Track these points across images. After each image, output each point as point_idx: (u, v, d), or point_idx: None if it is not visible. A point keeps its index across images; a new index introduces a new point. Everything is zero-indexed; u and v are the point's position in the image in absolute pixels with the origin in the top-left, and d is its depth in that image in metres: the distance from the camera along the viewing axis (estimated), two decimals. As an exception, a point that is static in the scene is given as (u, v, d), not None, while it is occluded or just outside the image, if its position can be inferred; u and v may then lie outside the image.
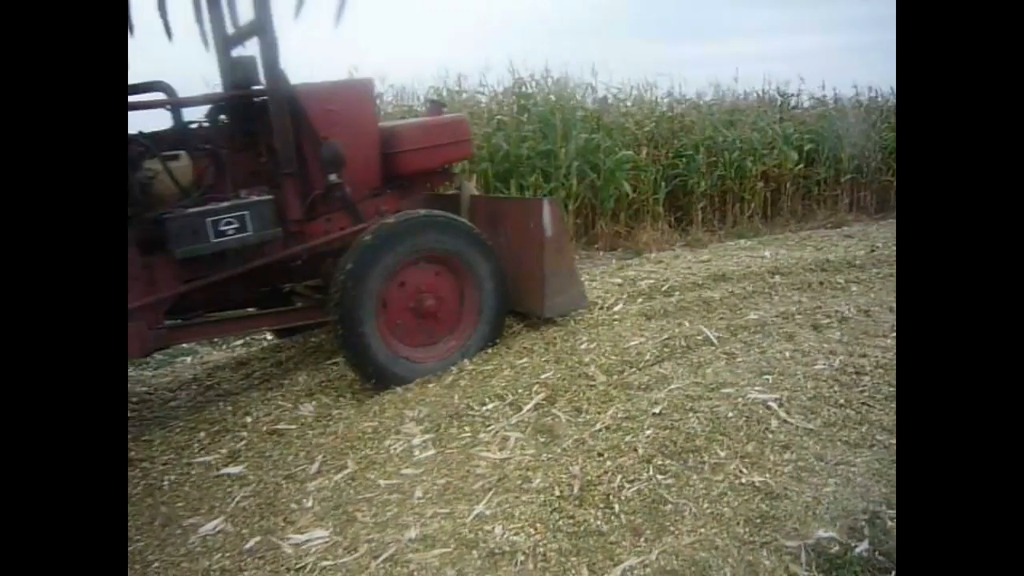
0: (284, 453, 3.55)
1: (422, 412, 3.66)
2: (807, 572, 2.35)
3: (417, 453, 3.33)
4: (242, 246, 3.85)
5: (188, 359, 5.56)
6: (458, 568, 2.48)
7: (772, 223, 10.07)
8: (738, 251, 6.46)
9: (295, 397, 4.13)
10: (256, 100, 4.20)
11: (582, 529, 2.59)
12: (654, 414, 3.22)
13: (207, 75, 6.78)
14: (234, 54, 4.38)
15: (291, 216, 4.12)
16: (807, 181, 10.69)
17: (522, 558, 2.46)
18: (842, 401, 3.35)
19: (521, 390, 3.67)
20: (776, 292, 4.83)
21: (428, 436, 3.45)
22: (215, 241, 3.75)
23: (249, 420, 3.93)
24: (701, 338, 4.01)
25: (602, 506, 2.69)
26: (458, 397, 3.73)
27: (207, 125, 4.31)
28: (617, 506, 2.67)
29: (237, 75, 4.23)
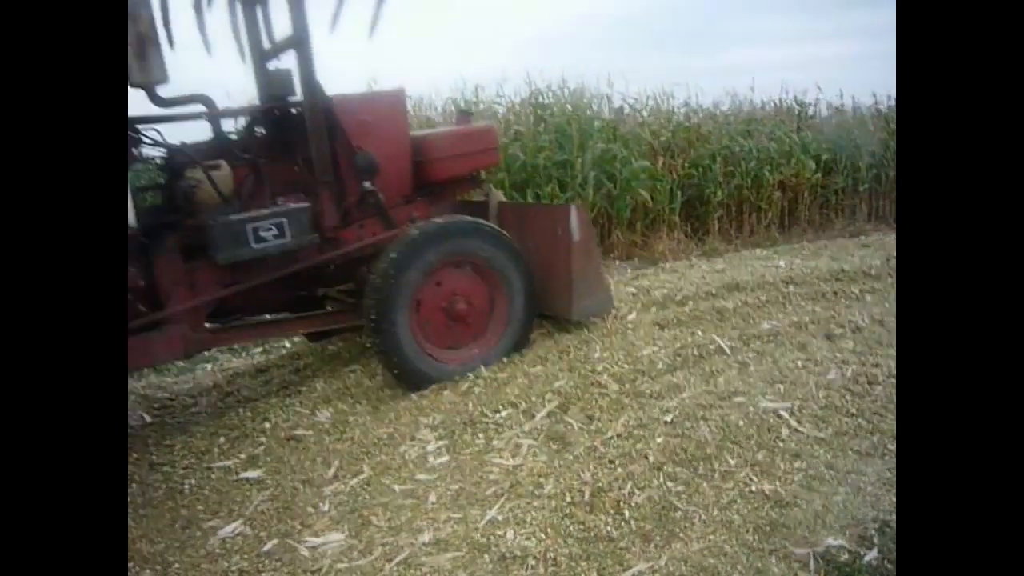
0: (302, 458, 3.62)
1: (437, 419, 3.71)
2: (815, 579, 2.37)
3: (431, 459, 3.39)
4: (281, 252, 3.98)
5: (208, 366, 5.65)
6: (470, 572, 2.53)
7: (789, 232, 10.03)
8: (753, 261, 6.46)
9: (313, 404, 4.20)
10: (292, 111, 4.34)
11: (592, 535, 2.63)
12: (665, 422, 3.25)
13: (235, 87, 6.90)
14: (270, 67, 4.52)
15: (327, 223, 4.24)
16: (825, 190, 10.64)
17: (533, 563, 2.51)
18: (854, 411, 3.36)
19: (534, 398, 3.71)
20: (790, 302, 4.83)
21: (442, 442, 3.50)
22: (255, 247, 3.87)
23: (268, 426, 4.01)
24: (714, 347, 4.03)
25: (612, 512, 2.72)
26: (472, 404, 3.78)
27: (245, 136, 4.45)
28: (627, 512, 2.71)
29: (274, 87, 4.39)
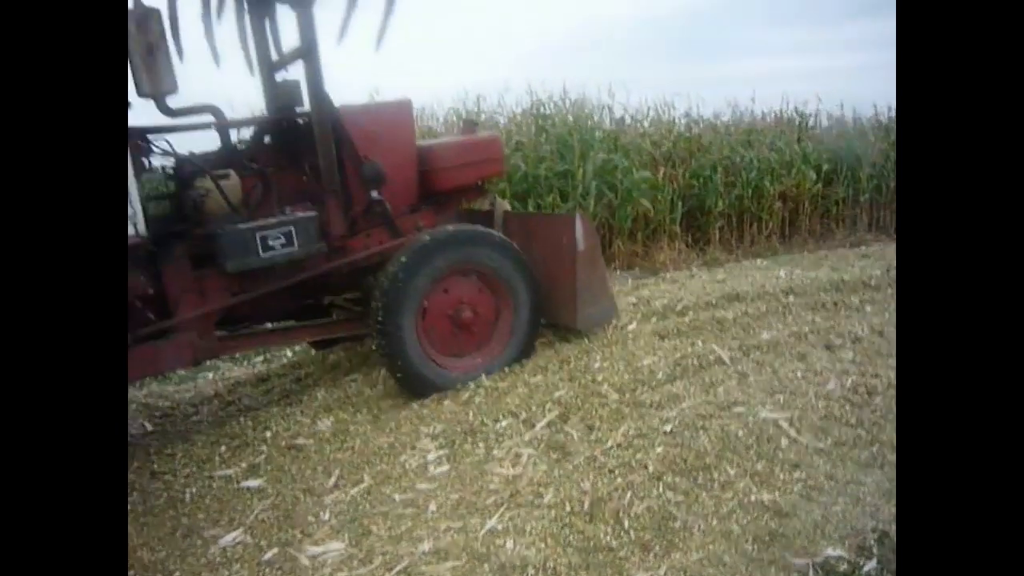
0: (302, 467, 3.63)
1: (437, 428, 3.73)
2: (814, 589, 2.37)
3: (432, 468, 3.40)
4: (288, 260, 4.01)
5: (210, 375, 5.67)
6: (470, 581, 2.53)
7: (790, 243, 10.06)
8: (753, 271, 6.47)
9: (314, 413, 4.21)
10: (300, 122, 4.39)
11: (592, 544, 2.64)
12: (665, 432, 3.26)
13: (238, 99, 6.97)
14: (278, 78, 4.57)
15: (334, 231, 4.28)
16: (825, 201, 10.67)
17: (533, 572, 2.51)
18: (853, 421, 3.37)
19: (535, 407, 3.72)
20: (790, 312, 4.84)
21: (443, 452, 3.51)
22: (263, 255, 3.91)
23: (269, 435, 4.02)
24: (713, 357, 4.04)
25: (612, 522, 2.73)
26: (473, 414, 3.79)
27: (253, 146, 4.49)
28: (627, 522, 2.72)
29: (281, 98, 4.43)
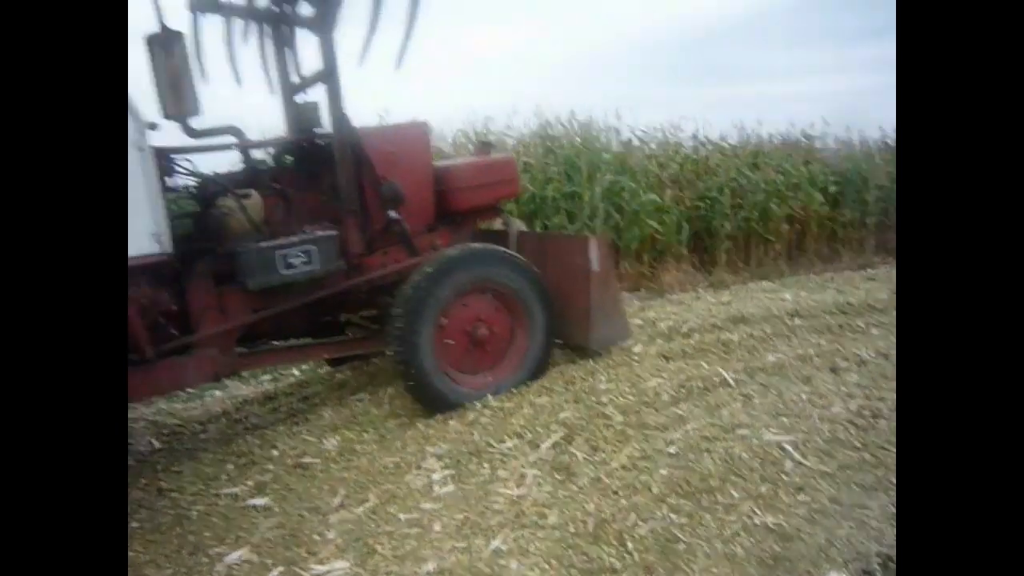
0: (308, 486, 3.65)
1: (442, 448, 3.74)
2: (817, 613, 2.37)
3: (437, 488, 3.41)
4: (308, 278, 4.08)
5: (218, 393, 5.71)
6: (473, 601, 2.54)
7: (797, 265, 10.06)
8: (759, 293, 6.49)
9: (320, 432, 4.24)
10: (319, 142, 4.47)
11: (596, 566, 2.64)
12: (670, 454, 3.26)
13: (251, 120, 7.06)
14: (298, 100, 4.68)
15: (352, 250, 4.35)
16: (832, 223, 10.69)
17: (536, 593, 2.52)
18: (858, 444, 3.36)
19: (540, 428, 3.74)
20: (795, 335, 4.85)
21: (448, 472, 3.53)
22: (284, 273, 3.98)
23: (275, 453, 4.05)
24: (718, 380, 4.05)
25: (616, 544, 2.73)
26: (478, 434, 3.81)
27: (274, 166, 4.61)
28: (631, 544, 2.72)
29: (301, 119, 4.53)
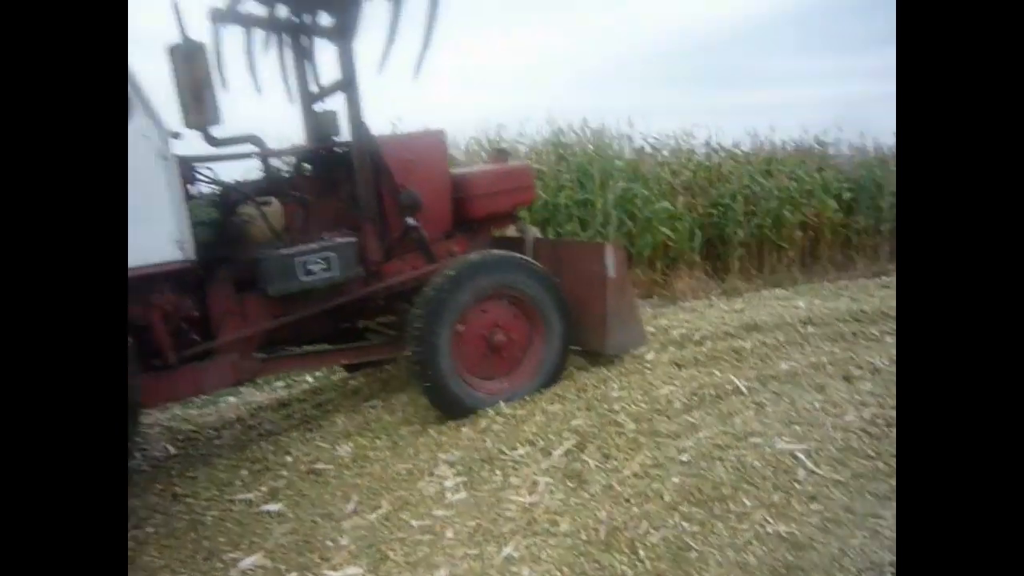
0: (322, 492, 3.67)
1: (455, 455, 3.76)
2: (830, 623, 2.36)
3: (449, 495, 3.42)
4: (328, 284, 4.13)
5: (232, 399, 5.75)
6: (485, 608, 2.55)
7: (811, 272, 10.00)
8: (772, 301, 6.47)
9: (333, 438, 4.27)
10: (338, 151, 4.54)
11: (608, 574, 2.65)
12: (682, 462, 3.26)
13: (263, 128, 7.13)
14: (317, 109, 4.77)
15: (371, 257, 4.41)
16: (846, 230, 10.63)
17: (548, 600, 2.52)
18: (872, 453, 3.35)
19: (552, 436, 3.75)
20: (808, 343, 4.84)
21: (460, 479, 3.54)
22: (304, 280, 4.04)
23: (289, 459, 4.07)
24: (731, 387, 4.04)
25: (628, 551, 2.74)
26: (490, 441, 3.82)
27: (294, 174, 4.67)
28: (642, 552, 2.72)
29: (320, 128, 4.62)
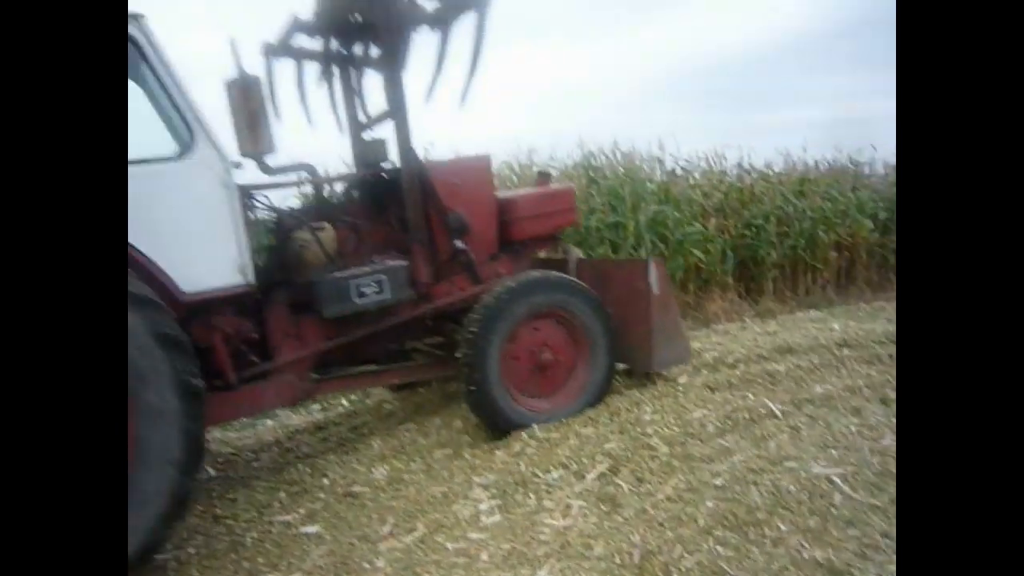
0: (358, 514, 3.73)
1: (489, 478, 3.79)
2: (868, 650, 2.33)
3: (484, 518, 3.45)
4: (380, 307, 4.26)
5: (270, 422, 5.85)
6: (520, 631, 2.56)
7: (847, 293, 9.88)
8: (807, 323, 6.41)
9: (369, 461, 4.33)
10: (386, 177, 4.69)
11: (642, 598, 2.65)
12: (716, 486, 3.25)
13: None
14: (366, 137, 4.96)
15: (420, 279, 4.53)
16: (883, 250, 10.49)
17: (582, 624, 2.53)
18: (910, 478, 3.30)
19: (585, 459, 3.76)
20: (844, 365, 4.79)
21: (495, 502, 3.57)
22: (358, 302, 4.17)
23: (326, 482, 4.14)
24: (765, 411, 4.02)
25: (662, 576, 2.73)
26: (524, 465, 3.84)
27: (345, 199, 4.86)
28: (677, 576, 2.72)
29: (369, 155, 4.79)
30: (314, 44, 4.92)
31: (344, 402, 6.10)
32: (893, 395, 4.25)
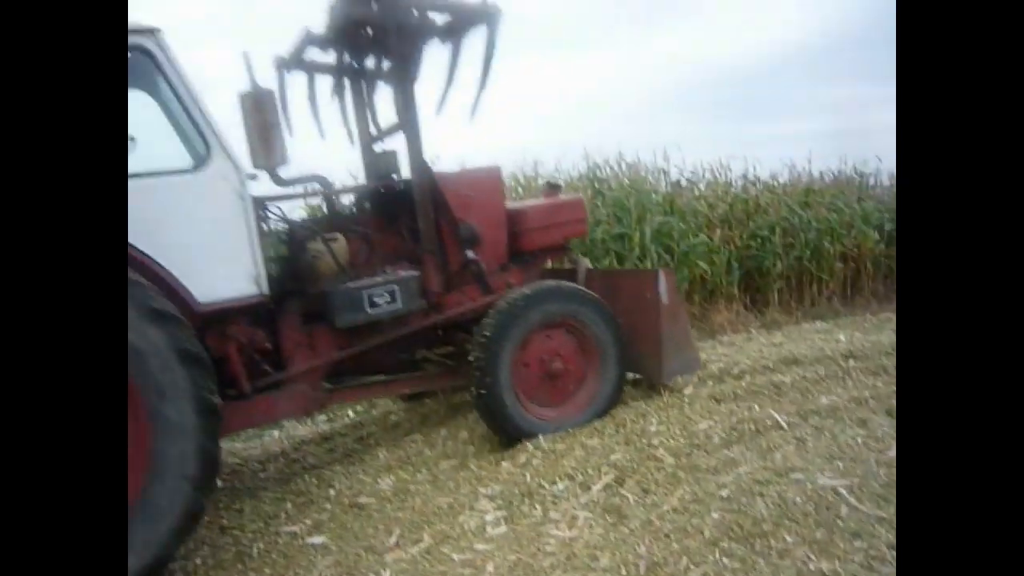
0: (364, 525, 3.74)
1: (495, 489, 3.79)
2: (874, 662, 2.33)
3: (490, 529, 3.45)
4: (392, 317, 4.29)
5: (276, 433, 5.87)
6: (526, 643, 2.56)
7: (852, 304, 9.87)
8: (812, 334, 6.41)
9: (375, 472, 4.34)
10: (397, 188, 4.74)
11: (648, 609, 2.64)
12: (721, 497, 3.25)
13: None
14: (376, 149, 5.03)
15: (432, 289, 4.56)
16: (889, 261, 10.47)
17: (588, 636, 2.53)
18: (916, 489, 3.30)
19: (591, 470, 3.76)
20: (850, 377, 4.79)
21: (500, 513, 3.57)
22: (370, 312, 4.20)
23: (332, 492, 4.15)
24: (771, 422, 4.02)
25: (668, 587, 2.73)
26: (530, 476, 3.85)
27: (357, 210, 4.91)
28: (683, 588, 2.72)
29: (380, 167, 4.85)
30: (326, 57, 4.98)
31: (350, 413, 6.12)
32: (899, 406, 4.25)
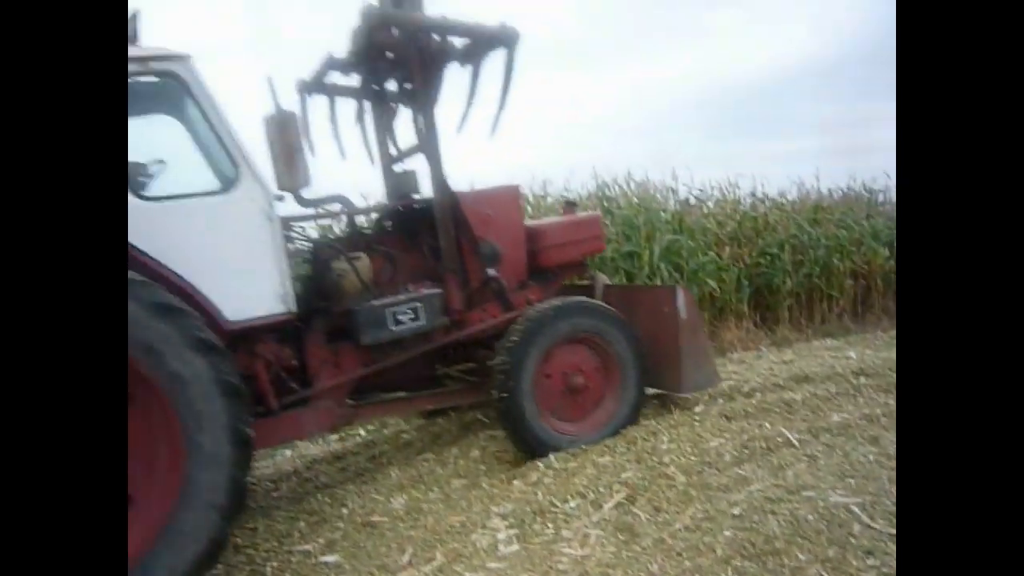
0: (377, 544, 3.75)
1: (507, 508, 3.81)
2: None
3: (502, 548, 3.46)
4: (415, 334, 4.36)
5: (288, 452, 5.89)
6: (540, 661, 2.57)
7: (863, 321, 9.84)
8: (823, 351, 6.41)
9: (388, 491, 4.35)
10: (418, 207, 4.82)
11: (661, 628, 2.65)
12: (733, 515, 3.26)
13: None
14: (397, 169, 5.12)
15: (454, 306, 4.62)
16: (899, 278, 10.44)
17: (601, 654, 2.54)
18: (929, 507, 3.29)
19: (603, 488, 3.77)
20: (861, 394, 4.79)
21: (513, 531, 3.58)
22: (394, 329, 4.28)
23: (345, 511, 4.17)
24: (782, 440, 4.03)
25: (680, 605, 2.74)
26: (542, 494, 3.86)
27: (379, 229, 5.00)
28: (695, 606, 2.72)
29: (401, 187, 4.94)
30: (348, 81, 5.08)
31: (362, 432, 6.14)
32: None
